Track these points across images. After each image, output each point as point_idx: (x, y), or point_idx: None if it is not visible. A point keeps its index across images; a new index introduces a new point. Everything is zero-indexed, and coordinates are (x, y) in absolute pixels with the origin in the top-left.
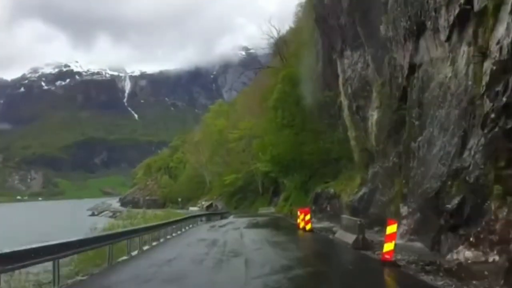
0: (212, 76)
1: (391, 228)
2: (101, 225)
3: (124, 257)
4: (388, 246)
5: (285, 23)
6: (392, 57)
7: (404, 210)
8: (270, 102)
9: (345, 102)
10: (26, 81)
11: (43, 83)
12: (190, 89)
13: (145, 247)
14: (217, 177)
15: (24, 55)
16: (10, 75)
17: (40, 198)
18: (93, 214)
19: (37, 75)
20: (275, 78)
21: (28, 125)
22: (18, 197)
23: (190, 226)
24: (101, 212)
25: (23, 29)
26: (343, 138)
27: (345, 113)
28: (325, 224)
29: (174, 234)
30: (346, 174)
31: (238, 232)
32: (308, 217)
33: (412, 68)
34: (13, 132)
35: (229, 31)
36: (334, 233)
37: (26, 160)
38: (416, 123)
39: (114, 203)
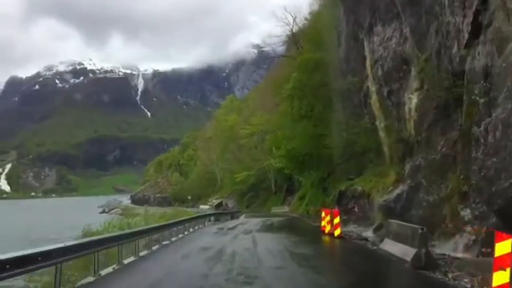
0: (224, 74)
1: (504, 246)
2: (98, 224)
3: (90, 279)
4: (501, 277)
5: (299, 16)
6: (444, 22)
7: (466, 213)
8: (285, 92)
9: (373, 88)
10: (41, 79)
11: (57, 81)
12: (202, 87)
13: (128, 260)
14: (228, 174)
15: (39, 53)
16: (24, 73)
17: (53, 195)
18: (103, 211)
19: (51, 73)
20: (290, 68)
21: (42, 122)
22: (33, 194)
23: (195, 227)
24: (112, 209)
25: (37, 28)
26: (369, 128)
27: (373, 99)
28: (351, 227)
29: (173, 239)
30: (374, 169)
31: (250, 237)
32: (337, 220)
33: (476, 30)
34: (28, 129)
35: (242, 29)
36: (366, 239)
37: (40, 157)
38: (481, 101)
39: (125, 200)
